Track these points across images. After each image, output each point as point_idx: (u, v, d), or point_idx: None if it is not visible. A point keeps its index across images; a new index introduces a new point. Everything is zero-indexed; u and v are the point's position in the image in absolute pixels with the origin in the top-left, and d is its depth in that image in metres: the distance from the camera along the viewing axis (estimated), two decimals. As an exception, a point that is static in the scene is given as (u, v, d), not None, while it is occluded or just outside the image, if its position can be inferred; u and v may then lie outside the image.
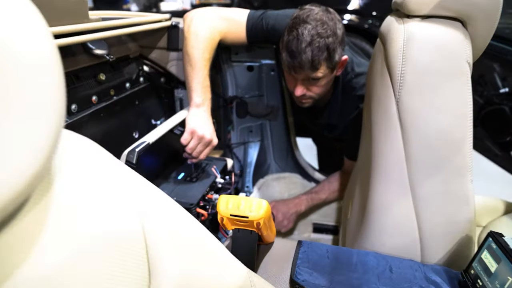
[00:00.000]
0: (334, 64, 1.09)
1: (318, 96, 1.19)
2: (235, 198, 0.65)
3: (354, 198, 1.08)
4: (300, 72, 1.08)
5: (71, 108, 0.92)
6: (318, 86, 1.14)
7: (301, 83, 1.14)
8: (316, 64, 1.05)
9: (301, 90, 1.14)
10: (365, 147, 0.98)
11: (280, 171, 1.58)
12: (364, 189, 0.90)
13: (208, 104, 1.09)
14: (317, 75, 1.08)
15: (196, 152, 1.05)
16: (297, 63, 1.05)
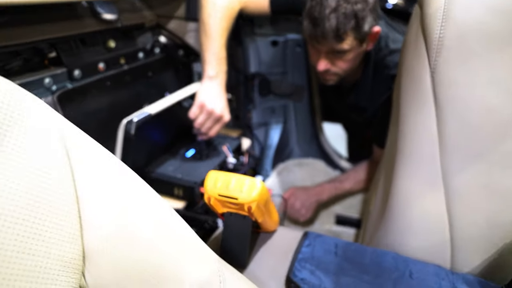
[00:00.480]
0: (363, 36, 0.96)
1: (344, 73, 1.06)
2: (226, 175, 0.56)
3: (377, 188, 0.96)
4: (323, 42, 0.96)
5: (73, 74, 0.87)
6: (344, 60, 1.01)
7: (325, 56, 1.01)
8: (342, 34, 0.92)
9: (325, 65, 1.02)
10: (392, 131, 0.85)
11: (302, 156, 1.47)
12: (388, 178, 0.78)
13: (223, 77, 1.00)
14: (342, 47, 0.96)
15: (205, 127, 0.97)
16: (320, 32, 0.93)
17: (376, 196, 0.96)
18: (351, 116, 1.29)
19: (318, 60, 1.03)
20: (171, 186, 0.92)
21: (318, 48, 1.00)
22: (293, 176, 1.43)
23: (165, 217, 0.39)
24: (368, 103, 1.16)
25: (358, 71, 1.12)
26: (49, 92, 0.83)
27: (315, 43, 0.98)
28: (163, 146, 1.04)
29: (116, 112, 0.98)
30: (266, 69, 1.32)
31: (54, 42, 0.84)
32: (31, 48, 0.81)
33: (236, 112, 1.37)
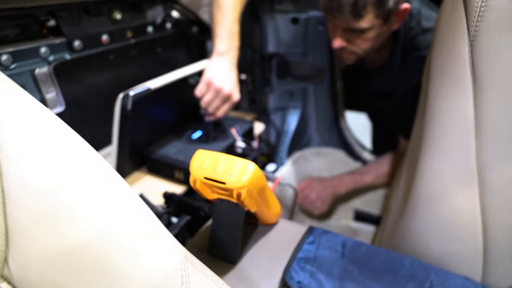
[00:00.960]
0: (387, 13, 0.85)
1: (364, 53, 0.95)
2: (215, 156, 0.48)
3: (400, 182, 0.86)
4: (339, 17, 0.85)
5: (73, 44, 0.82)
6: (363, 39, 0.90)
7: (342, 33, 0.91)
8: (360, 10, 0.81)
9: (340, 42, 0.92)
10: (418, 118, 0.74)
11: (321, 145, 1.37)
12: (411, 171, 0.68)
13: (234, 54, 0.92)
14: (360, 25, 0.85)
15: (212, 107, 0.89)
16: (335, 4, 0.83)
17: (398, 190, 0.86)
18: (375, 103, 1.17)
19: (334, 36, 0.93)
20: (172, 169, 0.86)
21: (334, 23, 0.90)
22: (310, 166, 1.34)
23: (116, 197, 0.32)
24: (394, 88, 1.04)
25: (384, 52, 1.01)
26: (46, 62, 0.78)
27: (330, 17, 0.88)
28: (167, 126, 0.98)
29: (119, 88, 0.91)
30: (285, 49, 1.22)
31: (54, 10, 0.79)
32: (28, 14, 0.76)
33: (251, 95, 1.29)
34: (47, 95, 0.77)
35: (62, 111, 0.79)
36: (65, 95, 0.79)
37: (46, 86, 0.76)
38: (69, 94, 0.80)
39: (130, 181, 0.89)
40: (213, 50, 0.92)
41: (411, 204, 0.64)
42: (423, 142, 0.59)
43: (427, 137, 0.58)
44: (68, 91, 0.80)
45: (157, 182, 0.89)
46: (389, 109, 1.15)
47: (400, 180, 0.87)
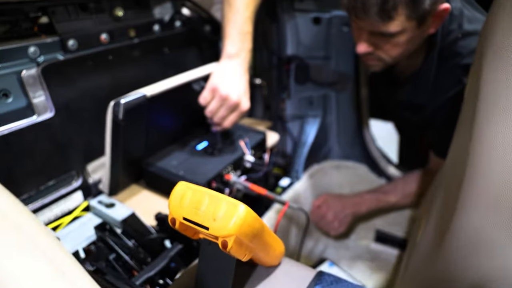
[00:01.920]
0: (422, 15, 0.72)
1: (393, 60, 0.83)
2: (199, 191, 0.39)
3: (432, 210, 0.74)
4: (365, 19, 0.74)
5: (67, 44, 0.74)
6: (392, 44, 0.78)
7: (367, 36, 0.79)
8: (389, 10, 0.70)
9: (365, 47, 0.80)
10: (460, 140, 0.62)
11: (342, 158, 1.25)
12: (449, 201, 0.56)
13: (245, 57, 0.82)
14: (389, 29, 0.73)
15: (218, 117, 0.80)
16: (360, 3, 0.71)
17: (430, 219, 0.74)
18: (403, 114, 1.05)
19: (358, 40, 0.81)
20: (170, 185, 0.77)
21: (360, 25, 0.78)
22: (328, 180, 1.23)
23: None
24: (427, 99, 0.92)
25: (417, 58, 0.88)
26: (34, 63, 0.71)
27: (354, 17, 0.76)
28: (170, 135, 0.89)
29: (119, 93, 0.84)
30: (305, 52, 1.11)
31: (45, 6, 0.71)
32: (16, 10, 0.69)
33: (266, 101, 1.19)
34: (35, 99, 0.69)
35: (51, 117, 0.71)
36: (55, 100, 0.72)
37: (34, 90, 0.69)
38: (61, 98, 0.73)
39: (124, 196, 0.81)
40: (222, 52, 0.83)
41: (448, 247, 0.52)
42: (469, 172, 0.48)
43: (475, 167, 0.46)
44: (59, 95, 0.73)
45: (154, 198, 0.81)
46: (420, 121, 1.02)
47: (433, 205, 0.74)
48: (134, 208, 0.77)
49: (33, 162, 0.70)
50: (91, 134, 0.80)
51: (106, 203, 0.75)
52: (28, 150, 0.69)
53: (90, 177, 0.82)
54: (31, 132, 0.69)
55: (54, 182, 0.75)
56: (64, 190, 0.76)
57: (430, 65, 0.87)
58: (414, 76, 0.91)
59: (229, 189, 0.80)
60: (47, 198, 0.73)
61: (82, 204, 0.78)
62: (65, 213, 0.77)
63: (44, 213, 0.73)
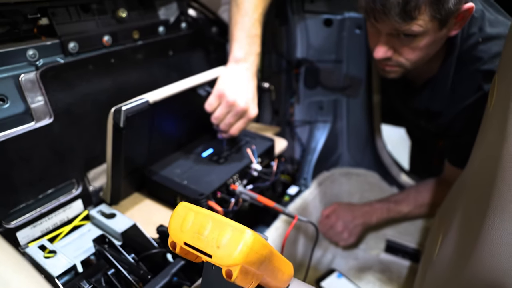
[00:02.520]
0: (446, 15, 0.68)
1: (412, 65, 0.78)
2: (202, 214, 0.35)
3: (450, 226, 0.70)
4: (384, 20, 0.69)
5: (68, 46, 0.71)
6: (412, 48, 0.74)
7: (386, 40, 0.75)
8: (411, 10, 0.65)
9: (384, 52, 0.76)
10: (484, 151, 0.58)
11: (353, 165, 1.21)
12: (475, 214, 0.51)
13: (254, 61, 0.79)
14: (411, 29, 0.69)
15: (224, 124, 0.76)
16: (379, 4, 0.67)
17: (446, 237, 0.70)
18: (419, 121, 1.00)
19: (376, 44, 0.77)
20: (173, 195, 0.74)
21: (377, 27, 0.74)
22: (338, 188, 1.19)
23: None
24: (445, 106, 0.87)
25: (434, 63, 0.84)
26: (33, 66, 0.68)
27: (372, 19, 0.72)
28: (174, 141, 0.86)
29: (121, 97, 0.80)
30: (316, 55, 1.07)
31: (45, 7, 0.68)
32: (15, 11, 0.66)
33: (275, 106, 1.15)
34: (33, 104, 0.66)
35: (50, 123, 0.68)
36: (55, 105, 0.69)
37: (32, 94, 0.66)
38: (60, 103, 0.70)
39: (126, 205, 0.78)
40: (229, 56, 0.79)
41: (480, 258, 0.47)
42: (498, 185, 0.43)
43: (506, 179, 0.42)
44: (59, 100, 0.70)
45: (157, 207, 0.77)
46: (435, 128, 0.97)
47: (452, 218, 0.70)
48: (135, 218, 0.74)
49: (31, 170, 0.67)
50: (92, 141, 0.77)
51: (106, 214, 0.72)
52: (26, 158, 0.66)
53: (91, 185, 0.78)
54: (29, 139, 0.65)
55: (53, 190, 0.71)
56: (63, 199, 0.73)
57: (448, 71, 0.83)
58: (431, 82, 0.87)
59: (235, 199, 0.76)
60: (46, 207, 0.70)
61: (82, 213, 0.75)
62: (64, 222, 0.73)
63: (43, 223, 0.70)
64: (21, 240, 0.67)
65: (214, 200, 0.74)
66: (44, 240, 0.66)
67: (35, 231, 0.69)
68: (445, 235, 0.71)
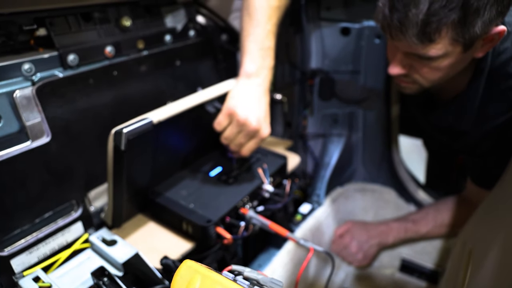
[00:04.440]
0: (471, 38, 0.61)
1: (430, 84, 0.72)
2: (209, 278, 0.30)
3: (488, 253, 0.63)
4: (400, 38, 0.63)
5: (67, 59, 0.66)
6: (431, 68, 0.68)
7: (402, 57, 0.69)
8: (431, 33, 0.59)
9: (398, 69, 0.70)
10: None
11: (368, 180, 1.15)
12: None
13: (266, 76, 0.73)
14: (428, 53, 0.63)
15: (234, 144, 0.71)
16: (397, 21, 0.61)
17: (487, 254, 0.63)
18: (442, 139, 0.93)
19: (392, 59, 0.71)
20: (178, 219, 0.69)
21: (394, 44, 0.68)
22: (351, 205, 1.13)
23: None
24: (471, 125, 0.81)
25: (462, 80, 0.77)
26: (29, 81, 0.63)
27: (388, 36, 0.66)
28: (179, 161, 0.80)
29: (125, 112, 0.75)
30: (331, 65, 1.01)
31: (42, 17, 0.63)
32: (9, 22, 0.60)
33: (287, 118, 1.09)
34: (29, 122, 0.61)
35: (48, 142, 0.63)
36: (52, 122, 0.64)
37: (28, 112, 0.61)
38: (58, 121, 0.65)
39: (129, 228, 0.73)
40: (240, 69, 0.74)
41: None
42: None
43: None
44: (57, 117, 0.64)
45: (162, 232, 0.72)
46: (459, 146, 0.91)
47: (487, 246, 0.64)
48: (138, 244, 0.68)
49: (27, 193, 0.62)
50: (92, 159, 0.72)
51: (107, 240, 0.67)
52: (21, 180, 0.61)
53: (92, 205, 0.74)
54: (24, 160, 0.60)
55: (51, 213, 0.67)
56: (62, 222, 0.68)
57: (477, 88, 0.76)
58: (457, 100, 0.80)
59: (245, 223, 0.71)
60: (43, 232, 0.65)
61: (82, 237, 0.70)
62: (63, 247, 0.69)
63: (39, 248, 0.65)
64: (16, 268, 0.62)
65: (222, 225, 0.68)
66: (39, 271, 0.61)
67: (31, 258, 0.64)
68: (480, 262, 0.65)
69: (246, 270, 0.48)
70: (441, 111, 0.85)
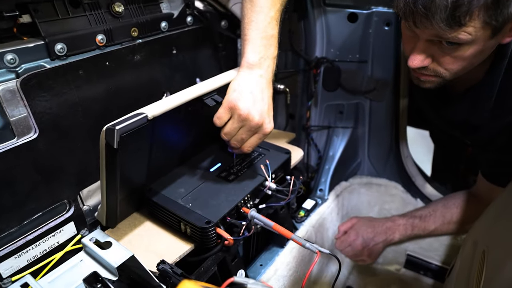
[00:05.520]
0: (503, 21, 0.57)
1: (452, 76, 0.68)
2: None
3: (507, 258, 0.60)
4: (425, 25, 0.58)
5: (54, 49, 0.61)
6: (455, 57, 0.63)
7: (424, 47, 0.65)
8: (463, 15, 0.55)
9: (420, 60, 0.65)
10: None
11: (374, 175, 1.11)
12: None
13: (269, 66, 0.68)
14: (458, 37, 0.58)
15: (235, 140, 0.67)
16: (422, 7, 0.56)
17: (508, 263, 0.59)
18: (453, 132, 0.89)
19: (412, 50, 0.65)
20: (176, 220, 0.65)
21: (416, 32, 0.63)
22: (356, 199, 1.09)
23: None
24: (487, 119, 0.76)
25: (478, 71, 0.72)
26: (13, 73, 0.58)
27: (411, 24, 0.61)
28: (177, 157, 0.76)
29: (119, 105, 0.71)
30: (337, 54, 0.96)
31: (25, 2, 0.58)
32: (-10, 8, 0.55)
33: (290, 110, 1.05)
34: (14, 118, 0.57)
35: (35, 138, 0.59)
36: (39, 117, 0.59)
37: (13, 107, 0.57)
38: (46, 116, 0.60)
39: (124, 228, 0.69)
40: (242, 59, 0.69)
41: None
42: None
43: None
44: (44, 112, 0.60)
45: (159, 232, 0.68)
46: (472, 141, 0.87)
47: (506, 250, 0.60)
48: (134, 246, 0.65)
49: (14, 193, 0.58)
50: (84, 155, 0.67)
51: (100, 242, 0.63)
52: (7, 180, 0.57)
53: (85, 204, 0.70)
54: (10, 158, 0.56)
55: (41, 214, 0.63)
56: (53, 223, 0.64)
57: (495, 79, 0.71)
58: (472, 91, 0.76)
59: (246, 223, 0.67)
60: (32, 234, 0.61)
61: (75, 238, 0.67)
62: (54, 248, 0.65)
63: (29, 251, 0.61)
64: (4, 273, 0.59)
65: (222, 226, 0.64)
66: (28, 276, 0.58)
67: (20, 261, 0.60)
68: (500, 265, 0.61)
69: (250, 282, 0.44)
70: (454, 103, 0.80)
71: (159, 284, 0.57)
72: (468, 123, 0.79)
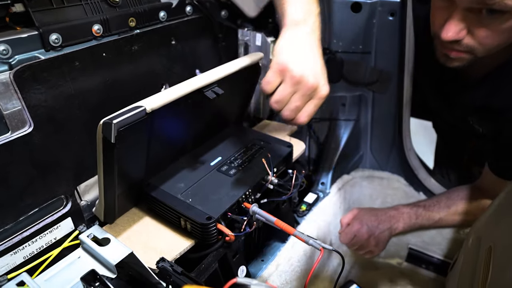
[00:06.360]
0: None
1: (485, 53, 0.65)
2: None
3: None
4: None
5: (49, 39, 0.59)
6: (494, 30, 0.61)
7: (462, 16, 0.61)
8: None
9: (456, 31, 0.62)
10: None
11: (376, 168, 1.09)
12: None
13: (315, 22, 0.63)
14: (505, 2, 0.55)
15: (289, 109, 0.60)
16: None
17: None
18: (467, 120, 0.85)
19: (447, 20, 0.62)
20: (176, 216, 0.63)
21: (454, 1, 0.60)
22: (358, 193, 1.08)
23: None
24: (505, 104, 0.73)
25: (503, 52, 0.70)
26: (6, 65, 0.56)
27: None
28: (177, 150, 0.74)
29: (116, 98, 0.69)
30: (339, 45, 0.94)
31: (19, -11, 0.56)
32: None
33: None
34: (7, 111, 0.55)
35: (30, 132, 0.57)
36: (34, 110, 0.57)
37: (6, 100, 0.55)
38: (41, 109, 0.58)
39: (122, 224, 0.67)
40: (283, 20, 0.63)
41: None
42: None
43: None
44: (39, 105, 0.58)
45: (158, 228, 0.67)
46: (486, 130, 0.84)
47: None
48: (133, 242, 0.63)
49: (9, 189, 0.56)
50: (81, 149, 0.65)
51: (98, 239, 0.61)
52: (1, 175, 0.55)
53: (82, 199, 0.68)
54: (4, 153, 0.54)
55: (37, 210, 0.61)
56: (49, 219, 0.62)
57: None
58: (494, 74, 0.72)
59: (248, 218, 0.66)
60: (28, 230, 0.60)
61: (72, 234, 0.65)
62: (52, 244, 0.63)
63: (25, 248, 0.60)
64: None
65: (223, 222, 0.63)
66: (24, 274, 0.56)
67: (16, 258, 0.59)
68: (507, 261, 0.60)
69: (253, 283, 0.42)
70: (471, 87, 0.77)
71: (159, 282, 0.56)
72: (487, 109, 0.76)
